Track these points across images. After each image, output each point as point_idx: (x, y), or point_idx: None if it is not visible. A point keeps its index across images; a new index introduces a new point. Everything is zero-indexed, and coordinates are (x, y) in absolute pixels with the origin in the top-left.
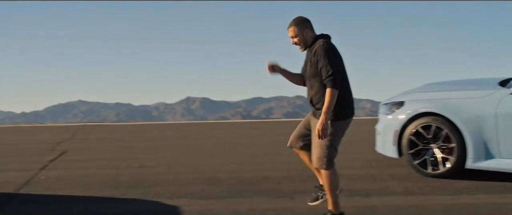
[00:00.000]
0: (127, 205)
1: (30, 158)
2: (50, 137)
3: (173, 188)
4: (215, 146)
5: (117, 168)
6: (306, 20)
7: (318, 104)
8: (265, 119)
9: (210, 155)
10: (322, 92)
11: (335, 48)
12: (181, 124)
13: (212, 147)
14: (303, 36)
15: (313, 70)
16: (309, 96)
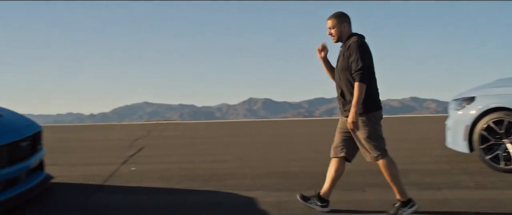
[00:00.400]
0: (205, 196)
1: (111, 153)
2: (127, 134)
3: (248, 181)
4: (283, 142)
5: (192, 162)
6: (345, 16)
7: (347, 96)
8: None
9: (280, 150)
10: (350, 86)
11: (367, 46)
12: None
13: (281, 143)
14: (340, 29)
15: (344, 64)
16: (338, 90)
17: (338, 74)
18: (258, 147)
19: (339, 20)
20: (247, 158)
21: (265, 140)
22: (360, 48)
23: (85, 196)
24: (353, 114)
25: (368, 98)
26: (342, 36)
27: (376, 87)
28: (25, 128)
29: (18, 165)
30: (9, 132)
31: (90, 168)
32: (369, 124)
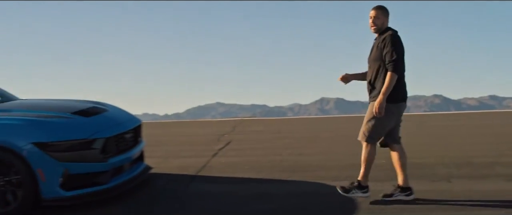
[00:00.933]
0: (295, 186)
1: (200, 147)
2: (213, 130)
3: (334, 172)
4: None
5: (279, 155)
6: (388, 11)
7: (375, 85)
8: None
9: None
10: (379, 76)
11: (401, 40)
12: (327, 118)
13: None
14: (382, 21)
15: (377, 54)
16: (368, 79)
17: (370, 64)
18: (342, 141)
19: (385, 14)
20: (332, 151)
21: (347, 133)
22: (395, 41)
23: (182, 185)
24: (380, 100)
25: (392, 89)
26: (381, 28)
27: (403, 81)
28: (128, 121)
29: (123, 155)
30: (115, 125)
31: (183, 160)
32: (388, 112)
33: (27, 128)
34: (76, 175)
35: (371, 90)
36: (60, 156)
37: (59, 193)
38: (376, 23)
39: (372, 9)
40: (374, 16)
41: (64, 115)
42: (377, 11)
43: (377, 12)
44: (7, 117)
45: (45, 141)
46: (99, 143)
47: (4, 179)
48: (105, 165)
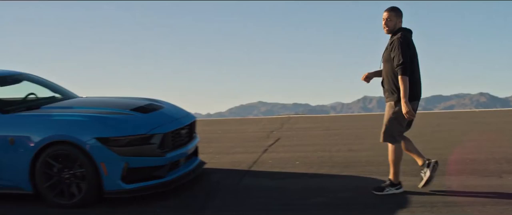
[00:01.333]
0: (346, 180)
1: (250, 143)
2: (261, 127)
3: (384, 167)
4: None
5: (328, 151)
6: (401, 12)
7: (387, 85)
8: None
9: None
10: (388, 76)
11: (410, 41)
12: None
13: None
14: (394, 22)
15: (387, 56)
16: (382, 79)
17: (382, 65)
18: None
19: (397, 14)
20: (380, 148)
21: None
22: (402, 45)
23: (235, 179)
24: (404, 105)
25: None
26: (393, 29)
27: (416, 79)
28: (183, 118)
29: (179, 150)
30: (172, 121)
31: (234, 156)
32: (397, 111)
33: (90, 123)
34: (136, 168)
35: (385, 90)
36: (121, 151)
37: (120, 185)
38: (388, 24)
39: (385, 11)
40: (386, 18)
41: (123, 111)
42: (389, 13)
43: (390, 14)
44: (71, 113)
45: (107, 136)
46: (157, 138)
47: (70, 172)
48: (162, 159)
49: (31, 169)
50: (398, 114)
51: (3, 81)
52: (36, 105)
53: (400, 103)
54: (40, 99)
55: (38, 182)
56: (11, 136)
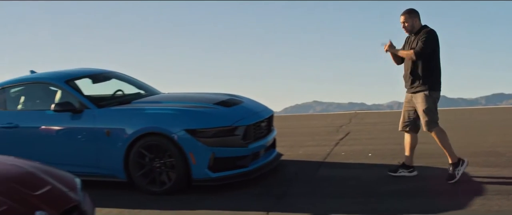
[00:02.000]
0: (420, 170)
1: (321, 137)
2: (329, 122)
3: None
4: (478, 127)
5: (399, 144)
6: (415, 11)
7: (416, 76)
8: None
9: (479, 134)
10: (420, 68)
11: (437, 35)
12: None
13: (477, 128)
14: (411, 22)
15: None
16: (408, 71)
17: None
18: (457, 131)
19: (410, 15)
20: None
21: (462, 124)
22: (431, 35)
23: (312, 170)
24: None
25: (432, 79)
26: (414, 28)
27: (439, 71)
28: (263, 111)
29: (260, 142)
30: (253, 114)
31: (307, 148)
32: (429, 99)
33: (179, 116)
34: (222, 158)
35: (412, 81)
36: (208, 141)
37: (207, 174)
38: (406, 26)
39: (401, 15)
40: (403, 22)
41: (208, 105)
42: (404, 16)
43: (405, 17)
44: (161, 107)
45: (195, 128)
46: (240, 130)
47: (160, 161)
48: (245, 150)
49: (125, 159)
50: (434, 101)
51: (95, 79)
52: (127, 100)
53: (433, 91)
54: (128, 95)
55: (131, 171)
56: (107, 128)
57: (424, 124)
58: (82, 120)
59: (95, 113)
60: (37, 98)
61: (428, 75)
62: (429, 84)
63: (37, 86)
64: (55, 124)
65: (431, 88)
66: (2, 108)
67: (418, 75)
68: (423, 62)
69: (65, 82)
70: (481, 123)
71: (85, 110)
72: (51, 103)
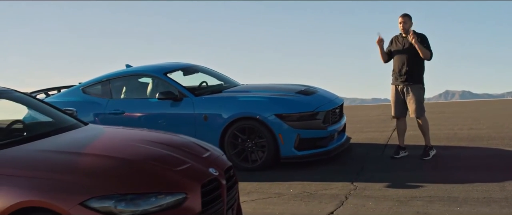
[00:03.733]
0: (476, 151)
1: (378, 125)
2: (381, 111)
3: (507, 141)
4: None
5: (451, 129)
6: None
7: (408, 74)
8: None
9: None
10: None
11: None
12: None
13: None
14: (409, 25)
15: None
16: (405, 68)
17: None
18: (502, 118)
19: (409, 18)
20: (498, 126)
21: (505, 113)
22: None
23: (379, 151)
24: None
25: (423, 75)
26: (408, 30)
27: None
28: (336, 99)
29: (335, 126)
30: (329, 101)
31: (368, 134)
32: (422, 91)
33: (269, 103)
34: (305, 139)
35: (410, 75)
36: (294, 124)
37: (293, 152)
38: (405, 27)
39: (400, 16)
40: (403, 22)
41: (290, 94)
42: (405, 18)
43: (405, 18)
44: (251, 95)
45: (283, 113)
46: (321, 115)
47: (252, 142)
48: (325, 132)
49: (221, 140)
50: (424, 92)
51: (186, 71)
52: (218, 90)
53: (423, 85)
54: (212, 86)
55: (226, 150)
56: (205, 113)
57: (414, 110)
58: (182, 107)
59: (193, 100)
60: (138, 88)
61: (422, 71)
62: (422, 79)
63: (138, 78)
64: (158, 110)
65: (423, 83)
66: (108, 97)
67: (416, 71)
68: (420, 61)
69: (164, 74)
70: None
71: (184, 98)
72: (151, 93)
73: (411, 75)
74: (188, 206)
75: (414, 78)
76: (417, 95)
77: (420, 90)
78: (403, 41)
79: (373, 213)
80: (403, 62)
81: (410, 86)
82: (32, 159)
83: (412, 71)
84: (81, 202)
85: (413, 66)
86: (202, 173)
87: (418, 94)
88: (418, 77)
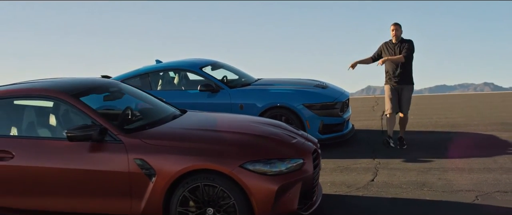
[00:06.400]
0: (460, 136)
1: (366, 115)
2: (360, 103)
3: (482, 127)
4: None
5: (430, 118)
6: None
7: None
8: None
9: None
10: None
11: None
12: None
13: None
14: (400, 32)
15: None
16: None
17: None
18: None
19: (400, 26)
20: (468, 115)
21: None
22: (413, 44)
23: (378, 136)
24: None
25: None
26: (400, 37)
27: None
28: (345, 92)
29: (346, 114)
30: (342, 94)
31: (362, 122)
32: (412, 90)
33: (297, 94)
34: (327, 125)
35: (404, 76)
36: (318, 113)
37: (318, 136)
38: (397, 34)
39: (393, 24)
40: (395, 29)
41: (311, 87)
42: (397, 26)
43: (397, 26)
44: (278, 88)
45: (309, 103)
46: (338, 105)
47: None
48: (341, 119)
49: None
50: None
51: (214, 66)
52: (247, 83)
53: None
54: (234, 80)
55: None
56: (240, 103)
57: (405, 108)
58: (218, 97)
59: (229, 92)
60: (170, 81)
61: (411, 72)
62: (412, 78)
63: (174, 72)
64: (197, 100)
65: (413, 82)
66: (148, 88)
67: (407, 72)
68: (410, 64)
69: (199, 68)
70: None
71: (221, 90)
72: (186, 85)
73: (404, 77)
74: (305, 169)
75: (407, 79)
76: (409, 95)
77: (411, 90)
78: (394, 47)
79: (404, 179)
80: (396, 66)
81: (404, 87)
82: (184, 134)
83: (404, 74)
84: (239, 165)
85: (405, 68)
86: (307, 145)
87: (410, 94)
88: (410, 78)
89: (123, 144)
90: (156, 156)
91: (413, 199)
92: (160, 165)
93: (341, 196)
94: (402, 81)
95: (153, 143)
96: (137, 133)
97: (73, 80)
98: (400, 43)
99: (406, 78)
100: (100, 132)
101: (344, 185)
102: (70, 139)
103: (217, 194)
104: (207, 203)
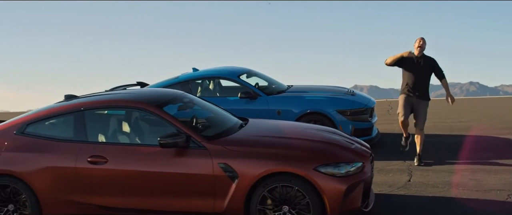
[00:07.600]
0: (476, 138)
1: (384, 118)
2: (377, 107)
3: (498, 131)
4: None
5: (445, 121)
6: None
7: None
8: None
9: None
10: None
11: None
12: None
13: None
14: (424, 47)
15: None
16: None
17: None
18: (479, 113)
19: (425, 41)
20: (479, 119)
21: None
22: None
23: (399, 138)
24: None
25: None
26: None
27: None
28: (372, 99)
29: (373, 120)
30: (369, 100)
31: (381, 126)
32: (428, 106)
33: (330, 101)
34: (358, 129)
35: (424, 91)
36: (350, 118)
37: None
38: (423, 47)
39: (420, 38)
40: (422, 44)
41: (342, 94)
42: (423, 41)
43: (423, 41)
44: (313, 95)
45: (342, 109)
46: (367, 111)
47: None
48: (370, 124)
49: None
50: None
51: (249, 74)
52: (282, 90)
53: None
54: (267, 87)
55: None
56: (278, 109)
57: (421, 123)
58: (257, 104)
59: (267, 99)
60: (207, 88)
61: (428, 88)
62: (429, 94)
63: (212, 80)
64: (237, 106)
65: (430, 98)
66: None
67: (426, 89)
68: (429, 80)
69: (238, 76)
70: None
71: (259, 97)
72: (220, 92)
73: (423, 92)
74: (365, 171)
75: (425, 95)
76: (425, 110)
77: (427, 106)
78: (418, 61)
79: (438, 179)
80: (417, 80)
81: (421, 101)
82: (260, 141)
83: (423, 89)
84: (313, 168)
85: (425, 84)
86: (364, 150)
87: (426, 109)
88: (427, 94)
89: (207, 150)
90: (238, 161)
91: (452, 197)
92: (243, 168)
93: (386, 194)
94: (420, 96)
95: (234, 149)
96: (218, 140)
97: (151, 91)
98: (423, 57)
99: (423, 93)
100: (186, 139)
101: (385, 185)
102: (162, 145)
103: (293, 194)
104: (283, 202)
